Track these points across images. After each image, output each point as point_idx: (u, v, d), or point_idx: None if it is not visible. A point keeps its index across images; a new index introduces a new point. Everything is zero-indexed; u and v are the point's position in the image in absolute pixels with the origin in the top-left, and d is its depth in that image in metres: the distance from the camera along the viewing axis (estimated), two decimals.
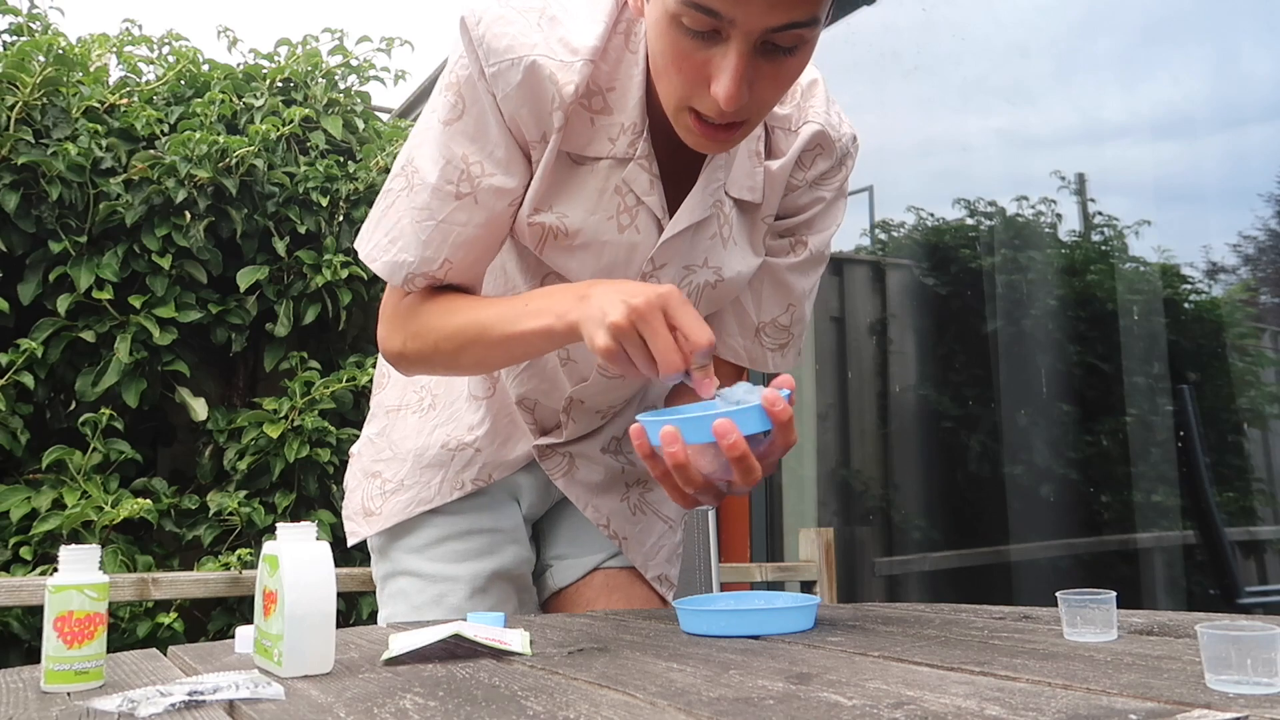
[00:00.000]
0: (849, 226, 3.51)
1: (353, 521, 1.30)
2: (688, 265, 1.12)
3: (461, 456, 1.24)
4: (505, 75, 1.00)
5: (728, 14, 0.86)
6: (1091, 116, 2.81)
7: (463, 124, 1.04)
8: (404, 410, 1.30)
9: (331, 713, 0.64)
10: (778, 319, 1.22)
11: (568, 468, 1.28)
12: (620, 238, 1.08)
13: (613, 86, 1.04)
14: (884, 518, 3.33)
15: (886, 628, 0.96)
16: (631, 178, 1.06)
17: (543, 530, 1.36)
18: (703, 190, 1.09)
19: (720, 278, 1.14)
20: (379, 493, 1.27)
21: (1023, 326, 2.94)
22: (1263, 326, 2.53)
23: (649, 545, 1.33)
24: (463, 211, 1.05)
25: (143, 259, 2.63)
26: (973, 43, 3.09)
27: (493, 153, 1.04)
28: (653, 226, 1.09)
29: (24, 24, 2.74)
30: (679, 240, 1.10)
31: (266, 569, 0.80)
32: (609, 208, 1.07)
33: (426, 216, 1.05)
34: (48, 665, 0.76)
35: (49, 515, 2.35)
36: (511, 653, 0.86)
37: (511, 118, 1.03)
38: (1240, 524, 2.43)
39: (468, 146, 1.04)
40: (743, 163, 1.11)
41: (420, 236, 1.06)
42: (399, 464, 1.27)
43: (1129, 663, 0.71)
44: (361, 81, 3.17)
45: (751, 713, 0.59)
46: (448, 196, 1.04)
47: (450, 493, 1.24)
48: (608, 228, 1.08)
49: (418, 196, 1.06)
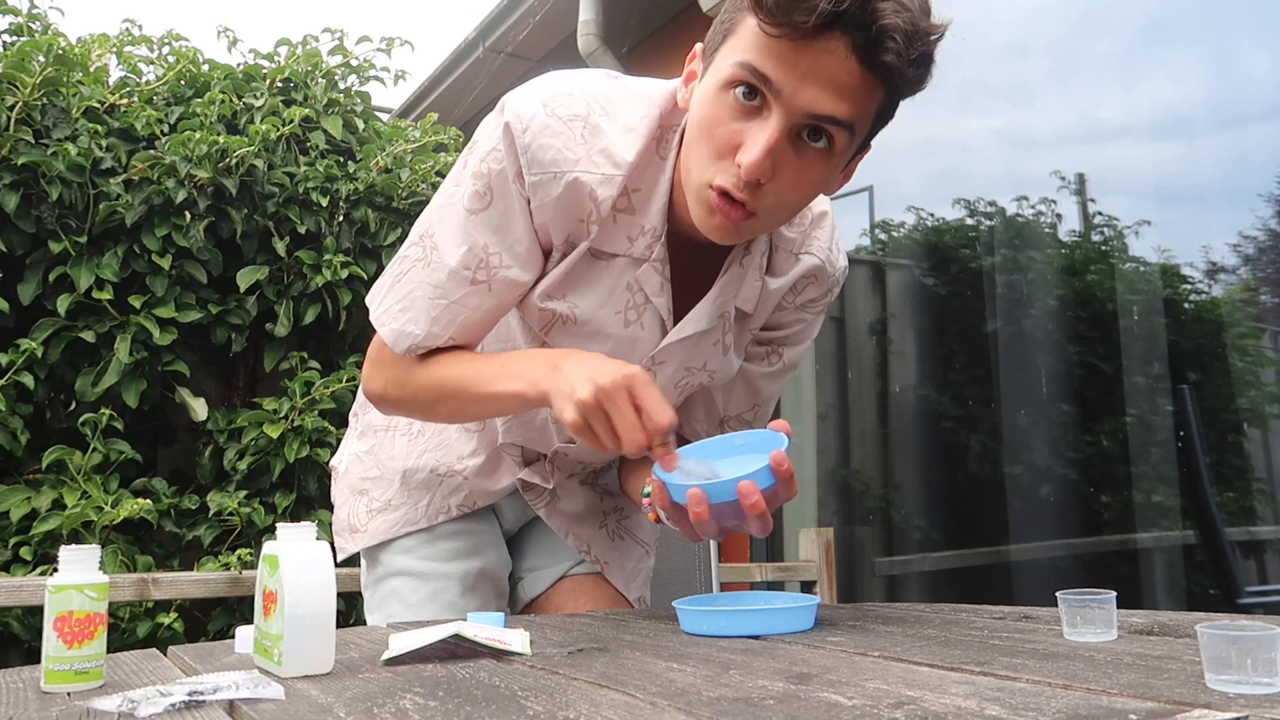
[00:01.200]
0: (849, 226, 3.51)
1: (341, 537, 1.34)
2: (688, 367, 1.17)
3: (450, 483, 1.29)
4: (546, 187, 1.03)
5: (778, 83, 0.91)
6: (1091, 117, 2.81)
7: (488, 215, 1.06)
8: (393, 431, 1.33)
9: (331, 713, 0.64)
10: (742, 415, 1.29)
11: (550, 499, 1.32)
12: (625, 331, 1.12)
13: (639, 188, 1.06)
14: (884, 518, 3.33)
15: (886, 628, 0.96)
16: (644, 278, 1.09)
17: (515, 545, 1.40)
18: (713, 302, 1.13)
19: (713, 379, 1.21)
20: (365, 510, 1.31)
21: (1023, 326, 2.94)
22: (1263, 326, 2.53)
23: (629, 569, 1.38)
24: (475, 297, 1.08)
25: (143, 259, 2.63)
26: (972, 43, 3.08)
27: (513, 247, 1.07)
28: (657, 326, 1.13)
29: (24, 24, 2.74)
30: (683, 344, 1.14)
31: (266, 569, 0.80)
32: (619, 302, 1.11)
33: (440, 295, 1.08)
34: (48, 665, 0.76)
35: (49, 515, 2.35)
36: (511, 653, 0.86)
37: (542, 224, 1.06)
38: (1240, 524, 2.43)
39: (490, 237, 1.06)
40: (748, 275, 1.15)
41: (431, 313, 1.09)
42: (386, 484, 1.31)
43: (1129, 663, 0.71)
44: (361, 81, 3.18)
45: (751, 713, 0.59)
46: (463, 281, 1.08)
47: (436, 516, 1.29)
48: (614, 321, 1.11)
49: (435, 274, 1.09)
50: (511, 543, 1.40)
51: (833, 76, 0.90)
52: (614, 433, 0.95)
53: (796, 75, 0.90)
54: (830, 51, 0.88)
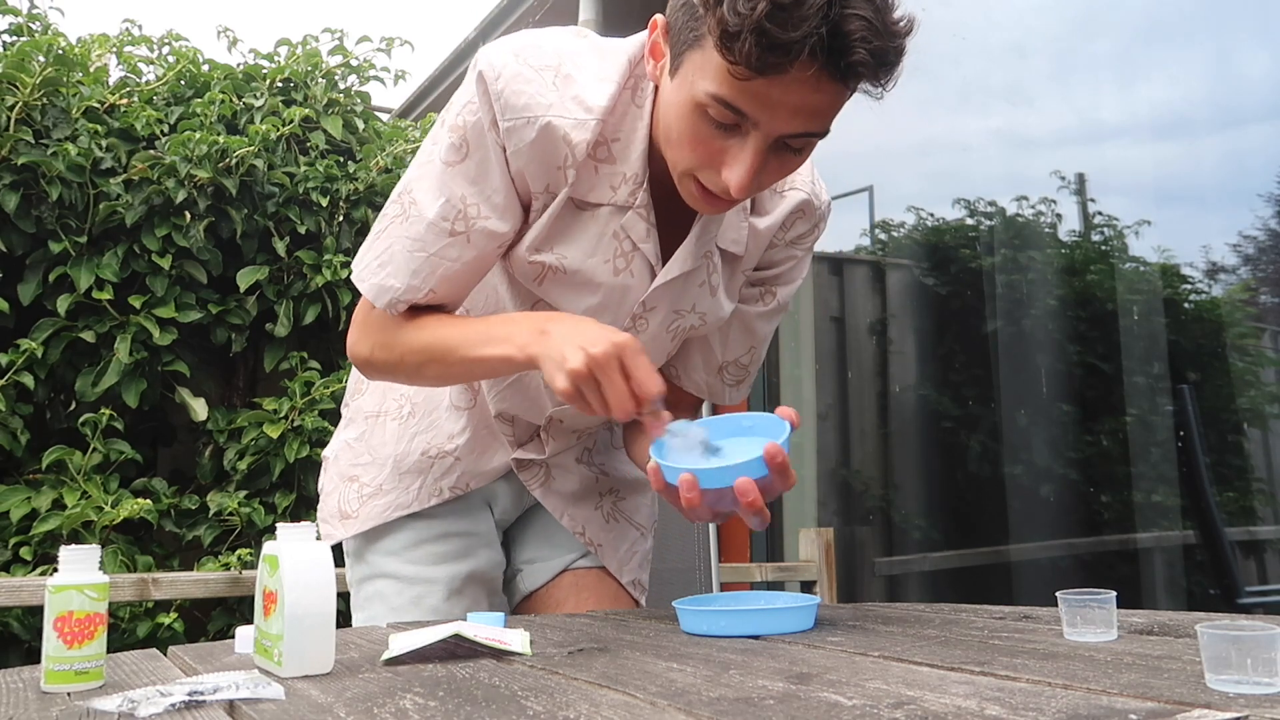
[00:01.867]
0: (849, 227, 3.51)
1: (328, 524, 1.32)
2: (677, 309, 1.19)
3: (441, 464, 1.28)
4: (520, 132, 1.05)
5: (754, 116, 0.93)
6: (1091, 116, 2.81)
7: (464, 167, 1.08)
8: (383, 417, 1.33)
9: (331, 713, 0.64)
10: (739, 359, 1.30)
11: (545, 478, 1.32)
12: (615, 280, 1.13)
13: (617, 138, 1.08)
14: (884, 518, 3.33)
15: (886, 628, 0.96)
16: (630, 225, 1.11)
17: (513, 536, 1.39)
18: (695, 242, 1.14)
19: (704, 321, 1.21)
20: (356, 496, 1.30)
21: (1023, 326, 2.94)
22: (1263, 326, 2.53)
23: (622, 551, 1.38)
24: (454, 248, 1.09)
25: (143, 259, 2.63)
26: (972, 43, 3.09)
27: (490, 198, 1.08)
28: (646, 272, 1.14)
29: (24, 24, 2.74)
30: (670, 287, 1.15)
31: (266, 569, 0.80)
32: (607, 251, 1.12)
33: (419, 248, 1.09)
34: (48, 665, 0.76)
35: (49, 515, 2.35)
36: (511, 653, 0.86)
37: (518, 171, 1.07)
38: (1240, 524, 2.43)
39: (467, 189, 1.08)
40: (732, 217, 1.16)
41: (410, 266, 1.10)
42: (377, 469, 1.30)
43: (1129, 663, 0.71)
44: (361, 82, 3.17)
45: (751, 713, 0.59)
46: (442, 233, 1.08)
47: (428, 499, 1.28)
48: (604, 270, 1.13)
49: (413, 228, 1.09)
50: (508, 533, 1.39)
51: (807, 101, 0.92)
52: (604, 401, 0.97)
53: (771, 106, 0.92)
54: (803, 81, 0.89)
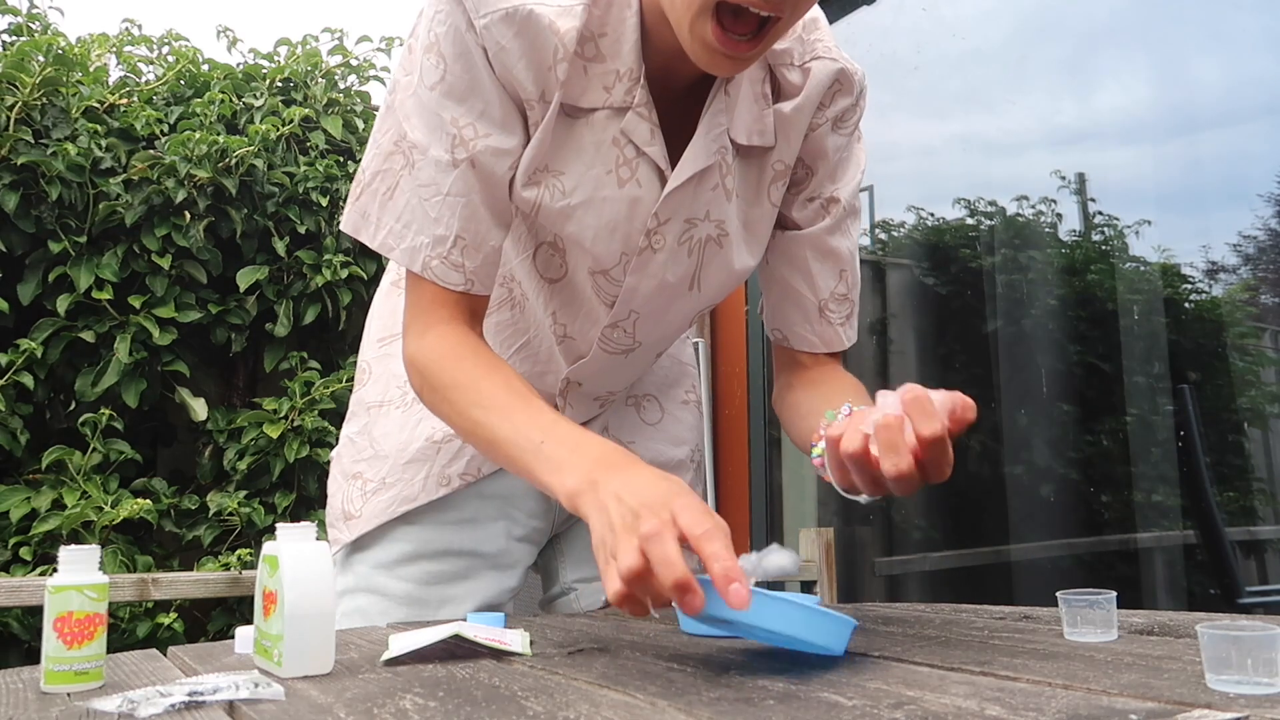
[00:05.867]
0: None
1: (334, 528, 1.22)
2: (689, 219, 1.06)
3: (448, 449, 1.17)
4: (499, 29, 0.94)
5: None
6: (1092, 117, 2.81)
7: (449, 85, 0.97)
8: (386, 406, 1.22)
9: (331, 713, 0.64)
10: (835, 290, 1.15)
11: None
12: (620, 192, 1.02)
13: (604, 32, 0.97)
14: (884, 518, 3.32)
15: (886, 628, 0.96)
16: (630, 128, 1.00)
17: (560, 551, 1.28)
18: (705, 135, 1.02)
19: (724, 231, 1.08)
20: (359, 494, 1.19)
21: (1023, 326, 2.94)
22: (1263, 326, 2.53)
23: None
24: (462, 180, 0.98)
25: (142, 259, 2.63)
26: (973, 43, 3.09)
27: (485, 111, 0.98)
28: (654, 179, 1.03)
29: (24, 24, 2.74)
30: (682, 192, 1.04)
31: (266, 569, 0.80)
32: (608, 160, 1.01)
33: (433, 193, 0.99)
34: (47, 666, 0.76)
35: (49, 515, 2.34)
36: (511, 653, 0.85)
37: (505, 75, 0.97)
38: (1241, 524, 2.43)
39: (457, 110, 0.97)
40: (748, 106, 1.04)
41: (430, 214, 0.99)
42: (380, 462, 1.19)
43: (1129, 663, 0.71)
44: (361, 81, 3.17)
45: (751, 713, 0.59)
46: (447, 167, 0.98)
47: (436, 489, 1.16)
48: (607, 182, 1.02)
49: (421, 173, 0.99)
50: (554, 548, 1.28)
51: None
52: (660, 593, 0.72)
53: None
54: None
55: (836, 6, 3.30)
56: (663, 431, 1.31)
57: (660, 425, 1.31)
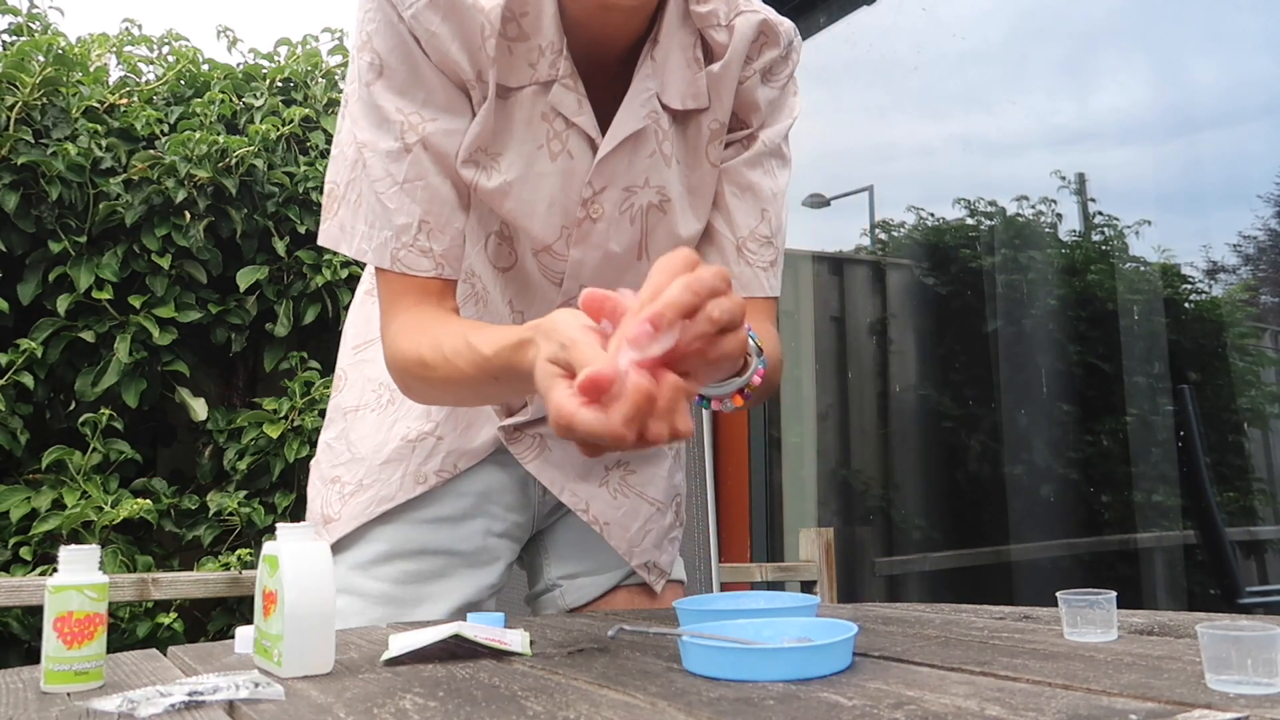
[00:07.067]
0: (849, 227, 3.51)
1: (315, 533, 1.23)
2: (628, 187, 1.06)
3: (423, 447, 1.17)
4: (426, 15, 0.96)
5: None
6: (1092, 117, 2.81)
7: (389, 79, 0.99)
8: (362, 410, 1.23)
9: (331, 713, 0.64)
10: (756, 230, 1.12)
11: (539, 449, 1.19)
12: (554, 166, 1.03)
13: (525, 11, 0.99)
14: (884, 518, 3.33)
15: (886, 628, 0.96)
16: (557, 100, 1.01)
17: (545, 546, 1.28)
18: (633, 100, 1.03)
19: (666, 197, 1.08)
20: (338, 497, 1.19)
21: (1023, 326, 2.94)
22: (1263, 326, 2.53)
23: (634, 531, 1.24)
24: (415, 164, 0.99)
25: (142, 259, 2.63)
26: (972, 43, 3.09)
27: (429, 99, 0.99)
28: (586, 148, 1.04)
29: (24, 24, 2.74)
30: (616, 159, 1.04)
31: (266, 569, 0.80)
32: (539, 136, 1.02)
33: (389, 184, 1.00)
34: (47, 666, 0.76)
35: (49, 515, 2.34)
36: (511, 653, 0.85)
37: (442, 60, 0.98)
38: (1241, 524, 2.43)
39: (399, 100, 0.99)
40: (679, 70, 1.05)
41: (390, 206, 1.00)
42: (357, 465, 1.19)
43: (1129, 663, 0.71)
44: None
45: (751, 713, 0.59)
46: (399, 154, 0.99)
47: (413, 487, 1.16)
48: (540, 157, 1.03)
49: (374, 169, 1.00)
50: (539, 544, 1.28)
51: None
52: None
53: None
54: None
55: (836, 6, 3.30)
56: None
57: None
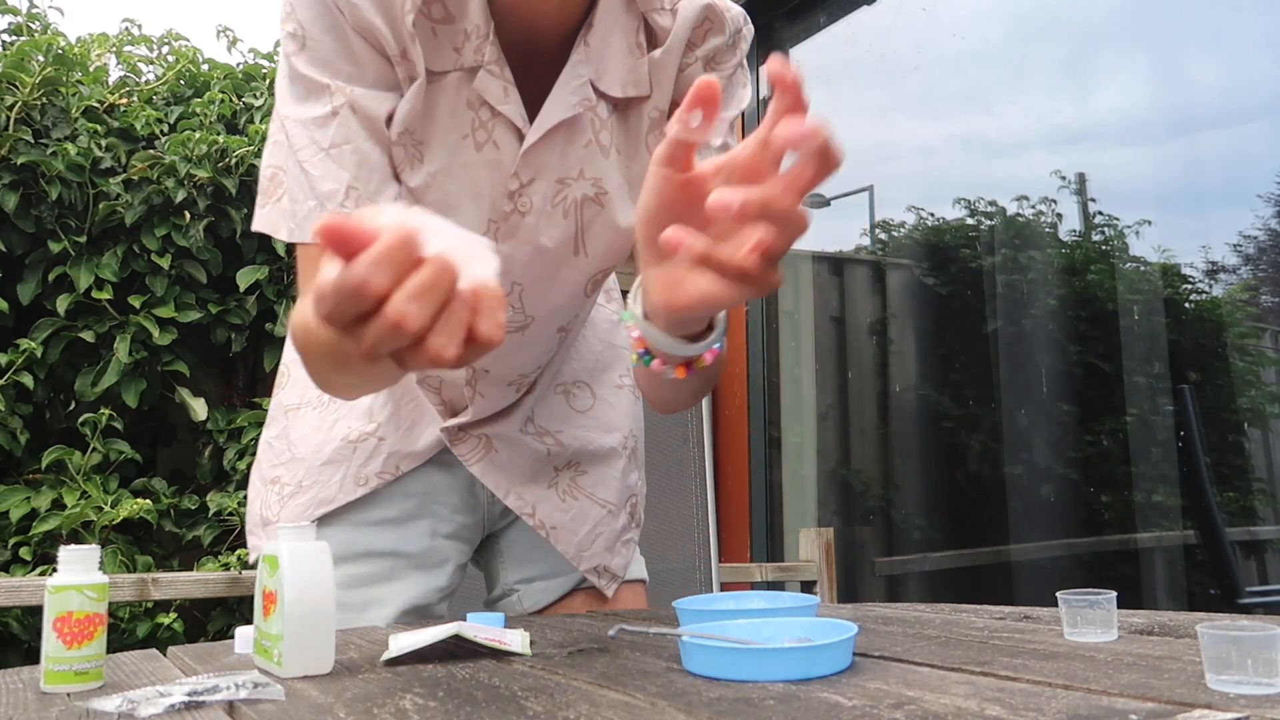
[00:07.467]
0: (849, 227, 3.51)
1: (253, 535, 1.18)
2: (561, 179, 1.01)
3: (364, 448, 1.14)
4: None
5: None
6: (1092, 117, 2.81)
7: (311, 51, 0.94)
8: (304, 408, 1.19)
9: (331, 713, 0.64)
10: None
11: (484, 451, 1.15)
12: (479, 156, 0.98)
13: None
14: (884, 518, 3.32)
15: (886, 628, 0.96)
16: (483, 86, 0.96)
17: (500, 551, 1.25)
18: (564, 88, 0.98)
19: (603, 190, 1.03)
20: (277, 499, 1.15)
21: (1023, 326, 2.94)
22: (1263, 326, 2.53)
23: (582, 534, 1.20)
24: (343, 128, 0.93)
25: (142, 259, 2.63)
26: (972, 43, 3.09)
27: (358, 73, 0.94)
28: (513, 138, 0.99)
29: (23, 24, 2.74)
30: (545, 149, 0.99)
31: (266, 569, 0.80)
32: (463, 125, 0.98)
33: (314, 152, 0.93)
34: (47, 666, 0.76)
35: (48, 515, 2.35)
36: (511, 653, 0.86)
37: (367, 31, 0.93)
38: (1241, 524, 2.43)
39: (323, 71, 0.94)
40: (619, 57, 1.01)
41: (315, 173, 0.93)
42: (297, 466, 1.15)
43: (1129, 663, 0.71)
44: None
45: (751, 713, 0.59)
46: (325, 120, 0.93)
47: (354, 489, 1.13)
48: (464, 147, 0.98)
49: (298, 139, 0.94)
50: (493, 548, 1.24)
51: None
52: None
53: None
54: None
55: (836, 6, 3.30)
56: (593, 418, 1.25)
57: (591, 412, 1.25)
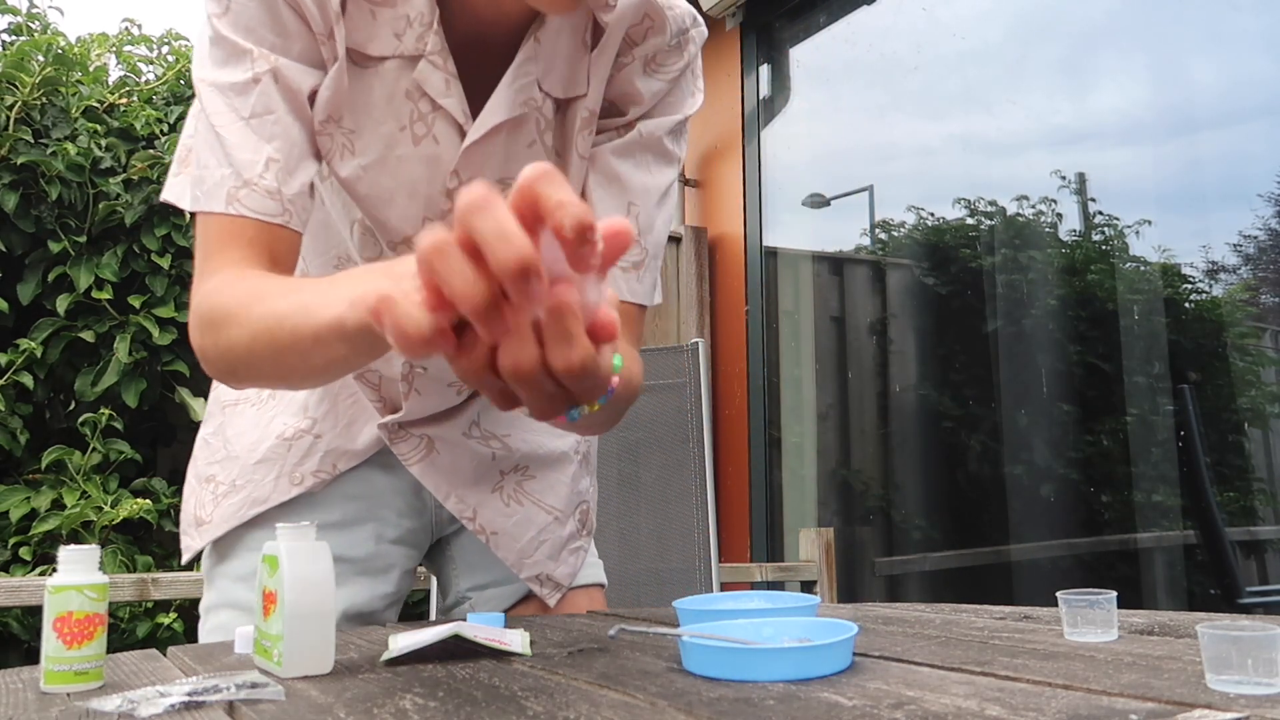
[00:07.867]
0: (849, 227, 3.51)
1: (186, 535, 1.13)
2: (503, 179, 0.95)
3: (299, 446, 1.09)
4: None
5: None
6: (1092, 117, 2.81)
7: (236, 14, 0.87)
8: (241, 404, 1.14)
9: (331, 713, 0.64)
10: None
11: (425, 452, 1.10)
12: (416, 151, 0.93)
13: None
14: (884, 518, 3.32)
15: (886, 628, 0.96)
16: (424, 77, 0.91)
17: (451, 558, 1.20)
18: (509, 86, 0.93)
19: None
20: (211, 498, 1.11)
21: (1023, 326, 2.94)
22: (1263, 326, 2.53)
23: (525, 541, 1.15)
24: (264, 97, 0.86)
25: (142, 259, 2.63)
26: (973, 42, 3.09)
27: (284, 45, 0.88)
28: (454, 134, 0.94)
29: (23, 24, 2.74)
30: (487, 147, 0.95)
31: (266, 569, 0.80)
32: (401, 116, 0.93)
33: (232, 119, 0.86)
34: (47, 666, 0.76)
35: (48, 515, 2.35)
36: (511, 653, 0.85)
37: (296, 1, 0.87)
38: (1241, 524, 2.43)
39: (248, 36, 0.87)
40: (566, 58, 0.96)
41: (233, 140, 0.86)
42: (232, 464, 1.11)
43: (1129, 663, 0.71)
44: None
45: (751, 713, 0.59)
46: (245, 87, 0.86)
47: (288, 489, 1.08)
48: (401, 140, 0.93)
49: (214, 104, 0.87)
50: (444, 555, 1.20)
51: None
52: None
53: None
54: None
55: (836, 6, 3.31)
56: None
57: None
